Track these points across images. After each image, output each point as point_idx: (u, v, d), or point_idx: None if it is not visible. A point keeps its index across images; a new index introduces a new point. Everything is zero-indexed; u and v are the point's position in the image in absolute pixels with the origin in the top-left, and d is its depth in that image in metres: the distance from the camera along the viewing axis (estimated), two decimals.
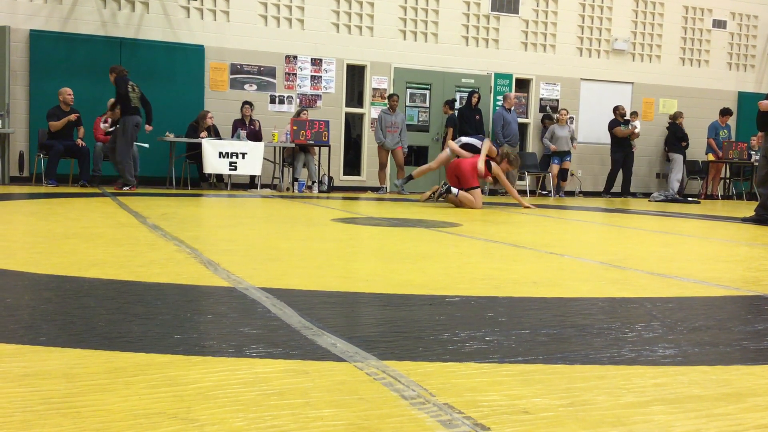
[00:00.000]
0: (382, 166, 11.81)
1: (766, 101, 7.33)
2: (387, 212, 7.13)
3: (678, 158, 13.14)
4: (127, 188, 9.28)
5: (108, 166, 10.31)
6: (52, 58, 10.43)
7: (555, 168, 12.71)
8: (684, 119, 13.35)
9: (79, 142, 9.91)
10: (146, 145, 10.34)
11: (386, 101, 11.91)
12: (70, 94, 9.83)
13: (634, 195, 13.42)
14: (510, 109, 12.40)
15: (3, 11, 10.31)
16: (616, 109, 13.05)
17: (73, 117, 9.73)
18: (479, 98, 12.41)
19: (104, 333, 1.87)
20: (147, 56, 10.98)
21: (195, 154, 10.53)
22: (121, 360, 1.63)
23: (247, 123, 11.02)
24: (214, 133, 10.85)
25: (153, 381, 1.48)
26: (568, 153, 12.73)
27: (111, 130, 10.20)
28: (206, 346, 1.77)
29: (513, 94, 12.62)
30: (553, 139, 12.67)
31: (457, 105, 12.58)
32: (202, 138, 10.35)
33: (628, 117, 13.03)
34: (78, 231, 4.28)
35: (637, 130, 12.99)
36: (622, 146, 12.99)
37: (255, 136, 10.97)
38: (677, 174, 13.11)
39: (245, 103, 11.05)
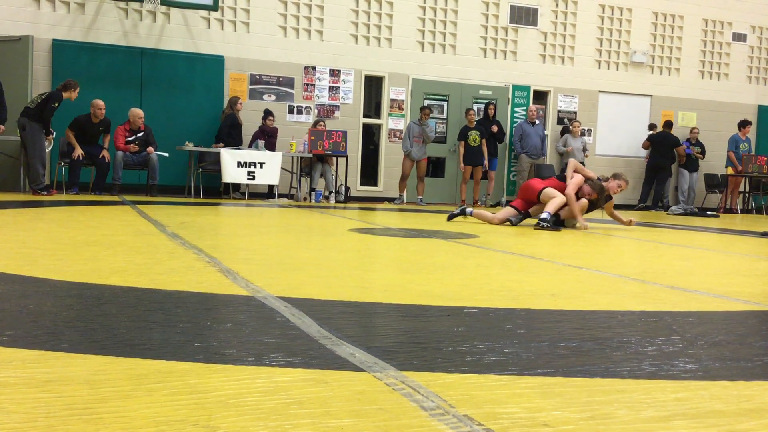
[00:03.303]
0: (404, 177, 11.83)
1: None
2: (404, 223, 7.13)
3: (685, 171, 13.44)
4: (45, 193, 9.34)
5: (127, 175, 10.40)
6: (74, 67, 10.56)
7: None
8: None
9: (105, 154, 9.97)
10: (166, 154, 10.43)
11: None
12: (100, 108, 9.94)
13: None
14: (533, 123, 12.44)
15: (26, 21, 10.47)
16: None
17: (80, 154, 9.82)
18: (495, 109, 12.42)
19: (126, 340, 1.89)
20: (167, 66, 11.10)
21: (213, 162, 10.62)
22: (142, 367, 1.64)
23: (266, 133, 11.09)
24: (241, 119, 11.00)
25: (174, 388, 1.49)
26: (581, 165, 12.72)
27: (131, 139, 10.29)
28: (226, 355, 1.78)
29: (534, 107, 12.63)
30: (566, 151, 12.69)
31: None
32: (222, 152, 10.43)
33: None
34: (99, 239, 4.32)
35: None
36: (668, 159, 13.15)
37: (271, 137, 11.06)
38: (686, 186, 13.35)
39: (267, 114, 11.13)
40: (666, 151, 13.11)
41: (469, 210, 7.56)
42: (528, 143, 12.37)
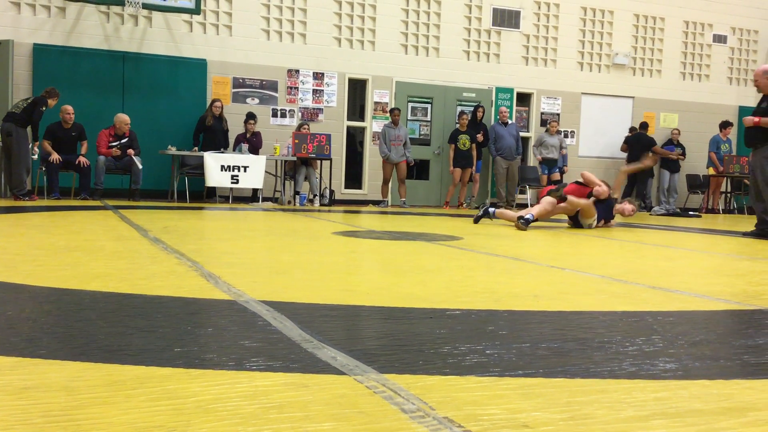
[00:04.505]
0: (386, 180, 11.82)
1: (749, 117, 7.46)
2: (388, 225, 7.13)
3: (666, 172, 13.54)
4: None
5: (109, 179, 10.33)
6: (56, 71, 10.48)
7: (543, 178, 12.62)
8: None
9: (81, 159, 9.90)
10: (140, 165, 10.26)
11: (388, 115, 11.95)
12: (69, 113, 9.87)
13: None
14: (506, 123, 12.41)
15: (6, 25, 10.38)
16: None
17: (57, 158, 9.70)
18: (484, 112, 12.41)
19: (105, 346, 1.87)
20: (150, 70, 11.04)
21: (196, 166, 10.58)
22: (121, 373, 1.63)
23: (248, 136, 11.05)
24: (226, 124, 10.95)
25: (153, 394, 1.48)
26: (556, 163, 12.68)
27: (115, 144, 10.23)
28: (206, 360, 1.77)
29: (504, 108, 12.59)
30: (542, 147, 12.64)
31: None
32: (198, 158, 10.38)
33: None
34: (80, 244, 4.29)
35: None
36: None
37: (254, 147, 11.00)
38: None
39: (249, 117, 11.09)
40: (641, 152, 13.16)
41: (492, 210, 7.76)
42: (502, 145, 12.30)
